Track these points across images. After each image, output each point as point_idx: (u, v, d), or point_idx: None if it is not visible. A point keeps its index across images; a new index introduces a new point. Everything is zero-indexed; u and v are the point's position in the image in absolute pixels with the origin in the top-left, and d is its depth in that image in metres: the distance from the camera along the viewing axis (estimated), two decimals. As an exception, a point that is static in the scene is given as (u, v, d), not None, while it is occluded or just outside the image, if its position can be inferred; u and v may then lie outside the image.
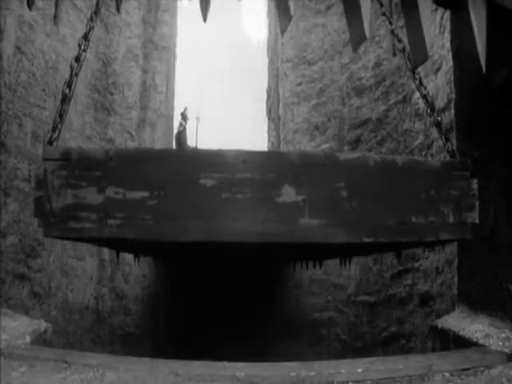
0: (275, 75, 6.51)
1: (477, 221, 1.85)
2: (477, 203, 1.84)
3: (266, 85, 7.62)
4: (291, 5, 1.45)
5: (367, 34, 1.54)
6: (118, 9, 1.50)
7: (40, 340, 2.10)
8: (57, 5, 3.52)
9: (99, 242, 2.21)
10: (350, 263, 3.55)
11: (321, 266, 4.22)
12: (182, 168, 1.70)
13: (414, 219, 1.80)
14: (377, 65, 4.36)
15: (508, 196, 2.07)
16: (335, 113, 4.88)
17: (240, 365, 1.62)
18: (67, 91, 1.76)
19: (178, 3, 6.23)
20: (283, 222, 1.71)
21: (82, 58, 1.81)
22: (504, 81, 1.93)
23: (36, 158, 3.07)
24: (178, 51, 6.61)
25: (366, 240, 1.76)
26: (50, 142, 1.72)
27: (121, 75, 4.63)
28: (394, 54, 4.12)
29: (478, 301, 2.22)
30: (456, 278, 2.52)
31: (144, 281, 4.85)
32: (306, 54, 5.26)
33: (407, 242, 1.88)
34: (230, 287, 4.93)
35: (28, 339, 1.95)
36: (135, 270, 4.64)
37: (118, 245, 2.56)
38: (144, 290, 4.82)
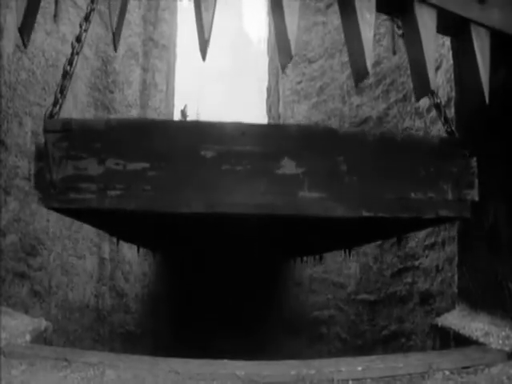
0: (275, 74, 6.50)
1: (476, 198, 1.86)
2: (476, 181, 1.85)
3: (266, 83, 7.61)
4: (292, 44, 1.40)
5: (369, 68, 1.51)
6: (115, 47, 1.49)
7: (40, 338, 2.09)
8: (57, 3, 3.52)
9: (99, 218, 2.16)
10: (350, 255, 3.54)
11: (321, 259, 4.20)
12: (183, 139, 1.69)
13: (413, 195, 1.81)
14: (377, 63, 4.35)
15: (508, 194, 2.07)
16: (335, 111, 4.88)
17: (240, 363, 1.61)
18: (68, 68, 1.79)
19: (178, 3, 6.23)
20: (283, 195, 1.72)
21: (82, 38, 1.83)
22: (504, 79, 1.92)
23: (36, 157, 3.07)
24: (179, 50, 6.61)
25: (365, 214, 1.77)
26: (51, 116, 1.73)
27: (121, 73, 4.62)
28: (394, 53, 4.12)
29: (478, 299, 2.22)
30: (456, 277, 2.52)
31: (144, 279, 4.85)
32: (307, 53, 5.25)
33: (407, 218, 1.87)
34: (229, 286, 4.94)
35: (28, 338, 1.95)
36: (135, 269, 4.64)
37: (118, 224, 2.51)
38: (144, 289, 4.82)
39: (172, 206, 1.67)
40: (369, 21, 1.53)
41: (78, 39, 1.83)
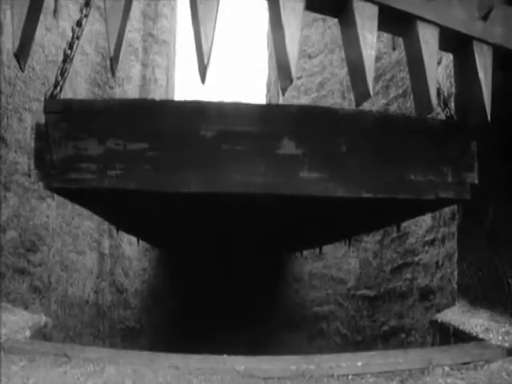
0: (275, 68, 6.47)
1: (476, 181, 1.86)
2: (476, 164, 1.85)
3: (265, 78, 7.58)
4: (293, 68, 1.37)
5: (371, 90, 1.47)
6: (112, 72, 1.48)
7: (40, 334, 2.10)
8: (56, -2, 3.50)
9: (98, 200, 2.15)
10: (349, 245, 3.52)
11: (321, 251, 4.18)
12: (183, 119, 1.68)
13: (412, 177, 1.81)
14: (377, 58, 4.31)
15: (508, 190, 2.06)
16: (335, 106, 4.86)
17: (240, 358, 1.61)
18: (69, 52, 1.80)
19: (178, -1, 6.19)
20: (283, 175, 1.71)
21: (83, 23, 1.84)
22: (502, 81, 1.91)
23: (35, 153, 3.06)
24: (179, 45, 6.58)
25: (364, 195, 1.77)
26: (52, 97, 1.73)
27: (120, 69, 4.60)
28: (394, 48, 4.09)
29: (478, 295, 2.22)
30: (456, 273, 2.52)
31: (144, 275, 4.85)
32: (306, 48, 5.22)
33: (406, 199, 1.87)
34: (230, 282, 4.94)
35: (28, 333, 1.95)
36: (135, 264, 4.64)
37: (117, 209, 2.50)
38: (144, 284, 4.83)
39: (172, 185, 1.67)
40: (370, 41, 1.51)
41: (79, 24, 1.84)
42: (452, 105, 2.72)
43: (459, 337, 2.05)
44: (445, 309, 2.50)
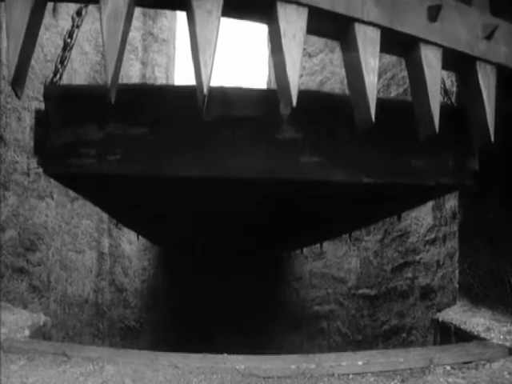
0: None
1: (476, 167, 1.85)
2: (477, 150, 1.83)
3: (265, 79, 7.57)
4: (294, 96, 1.36)
5: (373, 117, 1.44)
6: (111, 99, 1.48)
7: (39, 333, 2.09)
8: (55, -3, 3.48)
9: (98, 188, 2.14)
10: (350, 239, 3.48)
11: (321, 246, 4.15)
12: (184, 104, 1.67)
13: (413, 162, 1.80)
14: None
15: (509, 190, 2.05)
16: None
17: (240, 357, 1.60)
18: (68, 40, 1.81)
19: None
20: (283, 159, 1.71)
21: (83, 12, 1.85)
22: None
23: (35, 152, 3.05)
24: (178, 44, 6.57)
25: (365, 180, 1.76)
26: (51, 84, 1.73)
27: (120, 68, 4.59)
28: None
29: (479, 294, 2.21)
30: (457, 272, 2.51)
31: (144, 274, 4.85)
32: (307, 47, 5.21)
33: (407, 185, 1.86)
34: (230, 280, 4.93)
35: (27, 333, 1.94)
36: (135, 264, 4.64)
37: (117, 199, 2.49)
38: (144, 283, 4.83)
39: (172, 170, 1.66)
40: (372, 66, 1.47)
41: (79, 13, 1.86)
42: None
43: (460, 336, 2.04)
44: (446, 308, 2.49)
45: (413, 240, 3.65)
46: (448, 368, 1.66)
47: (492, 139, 1.65)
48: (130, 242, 4.50)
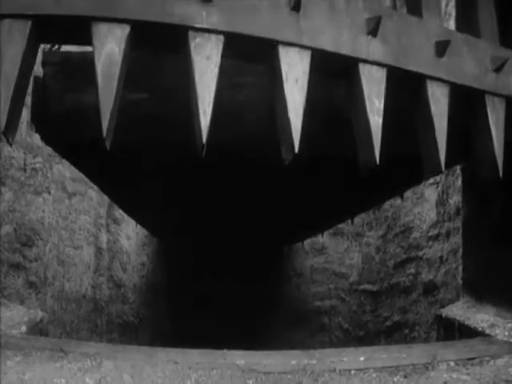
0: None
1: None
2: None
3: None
4: (296, 142, 1.32)
5: (377, 159, 1.41)
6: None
7: (36, 329, 2.06)
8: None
9: (96, 159, 2.12)
10: (352, 222, 3.44)
11: (322, 234, 4.12)
12: (182, 71, 1.68)
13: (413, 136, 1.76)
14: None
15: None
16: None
17: (240, 353, 1.58)
18: None
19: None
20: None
21: None
22: None
23: (31, 147, 3.03)
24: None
25: None
26: (50, 51, 1.74)
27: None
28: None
29: (483, 290, 2.19)
30: (461, 268, 2.49)
31: (142, 269, 4.83)
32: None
33: (407, 155, 1.83)
34: (229, 276, 4.91)
35: (24, 329, 1.91)
36: (133, 259, 4.62)
37: (115, 171, 2.45)
38: (142, 279, 4.81)
39: (171, 135, 1.64)
40: (377, 107, 1.43)
41: None
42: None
43: (464, 332, 2.02)
44: (449, 304, 2.47)
45: (416, 236, 3.63)
46: (452, 364, 1.63)
47: (500, 174, 1.60)
48: (129, 238, 4.48)
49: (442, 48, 1.51)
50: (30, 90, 2.01)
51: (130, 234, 4.60)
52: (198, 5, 1.26)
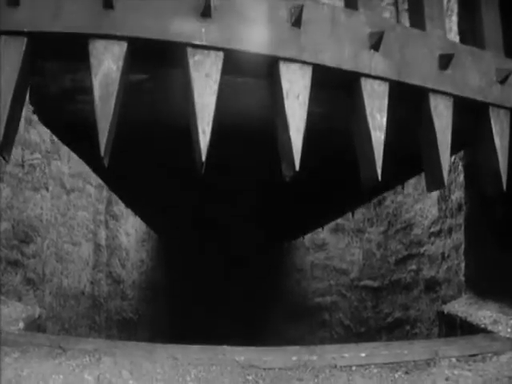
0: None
1: None
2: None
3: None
4: (297, 160, 1.30)
5: (379, 175, 1.39)
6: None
7: (34, 326, 2.05)
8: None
9: (93, 138, 2.12)
10: (353, 215, 3.41)
11: (323, 227, 4.09)
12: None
13: None
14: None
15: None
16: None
17: (240, 349, 1.57)
18: None
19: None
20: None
21: None
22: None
23: (29, 144, 3.01)
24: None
25: None
26: None
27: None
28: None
29: (485, 287, 2.18)
30: (463, 264, 2.48)
31: (141, 266, 4.83)
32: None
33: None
34: (229, 272, 4.90)
35: (21, 325, 1.90)
36: (132, 255, 4.61)
37: (113, 154, 2.44)
38: (142, 275, 4.80)
39: (169, 116, 1.62)
40: (379, 122, 1.41)
41: None
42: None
43: (466, 329, 2.00)
44: (451, 301, 2.46)
45: (417, 232, 3.63)
46: (454, 360, 1.61)
47: (504, 188, 1.57)
48: (128, 234, 4.46)
49: (445, 61, 1.49)
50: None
51: (129, 231, 4.59)
52: (196, 21, 1.25)
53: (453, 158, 3.08)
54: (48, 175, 3.15)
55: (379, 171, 1.39)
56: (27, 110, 3.15)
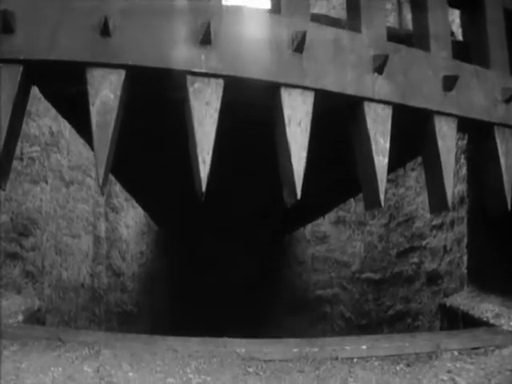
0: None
1: None
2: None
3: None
4: (298, 186, 1.29)
5: (382, 201, 1.38)
6: (102, 193, 1.38)
7: (33, 318, 2.04)
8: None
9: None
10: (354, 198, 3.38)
11: (324, 217, 4.07)
12: None
13: None
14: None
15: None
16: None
17: (240, 341, 1.55)
18: None
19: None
20: None
21: None
22: None
23: (28, 136, 2.98)
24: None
25: None
26: None
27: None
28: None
29: (488, 280, 2.16)
30: (465, 257, 2.46)
31: (141, 258, 4.82)
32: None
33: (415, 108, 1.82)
34: (230, 263, 4.90)
35: (21, 318, 1.89)
36: (132, 248, 4.60)
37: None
38: (141, 267, 4.80)
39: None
40: (383, 147, 1.39)
41: None
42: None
43: (468, 322, 1.99)
44: (453, 294, 2.45)
45: (419, 225, 3.62)
46: (456, 353, 1.60)
47: (509, 207, 1.54)
48: (128, 226, 4.45)
49: (450, 83, 1.46)
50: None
51: (129, 223, 4.57)
52: (196, 48, 1.22)
53: (455, 151, 3.05)
54: (47, 168, 3.12)
55: (382, 196, 1.37)
56: (28, 105, 3.11)
